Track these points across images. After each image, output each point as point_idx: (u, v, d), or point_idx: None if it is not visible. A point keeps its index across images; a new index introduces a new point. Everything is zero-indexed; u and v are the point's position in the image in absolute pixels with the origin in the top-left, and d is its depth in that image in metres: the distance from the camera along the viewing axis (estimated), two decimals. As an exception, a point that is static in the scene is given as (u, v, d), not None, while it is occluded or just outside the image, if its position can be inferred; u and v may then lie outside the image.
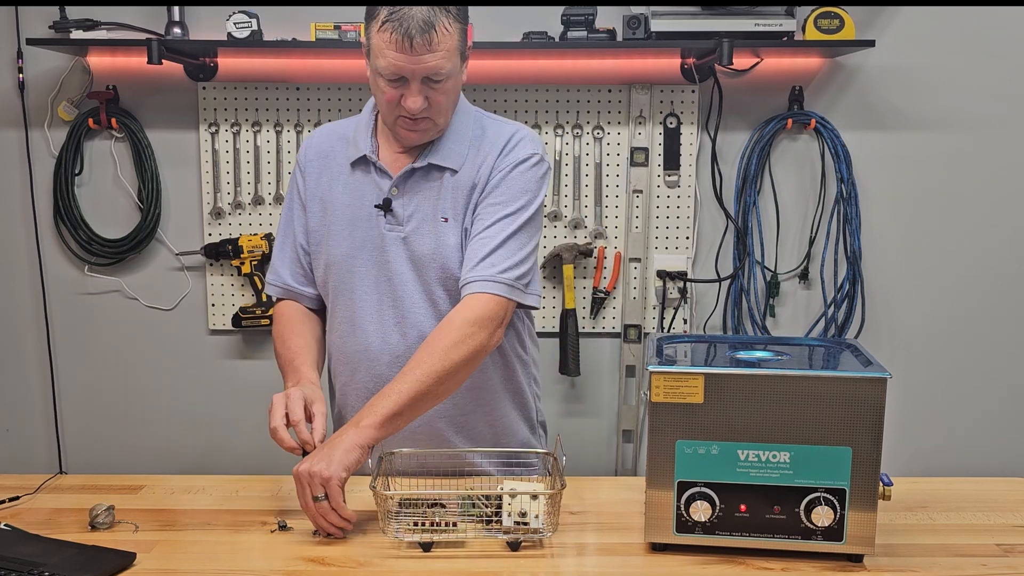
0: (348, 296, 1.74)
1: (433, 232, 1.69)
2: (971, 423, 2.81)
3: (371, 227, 1.72)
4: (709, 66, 2.63)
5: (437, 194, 1.70)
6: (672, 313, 2.76)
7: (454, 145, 1.71)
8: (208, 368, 2.83)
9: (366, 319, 1.73)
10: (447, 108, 1.65)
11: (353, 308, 1.74)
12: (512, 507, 1.44)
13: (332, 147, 1.78)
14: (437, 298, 1.71)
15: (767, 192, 2.72)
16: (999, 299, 2.76)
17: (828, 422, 1.36)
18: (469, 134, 1.73)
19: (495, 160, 1.70)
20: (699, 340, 1.95)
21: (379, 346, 1.73)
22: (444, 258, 1.69)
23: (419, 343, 1.67)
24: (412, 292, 1.71)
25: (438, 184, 1.70)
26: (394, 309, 1.72)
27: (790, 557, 1.41)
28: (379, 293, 1.72)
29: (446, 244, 1.69)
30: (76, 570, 1.33)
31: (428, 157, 1.70)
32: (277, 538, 1.49)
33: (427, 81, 1.59)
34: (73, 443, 2.87)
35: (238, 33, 2.50)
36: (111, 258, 2.76)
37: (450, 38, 1.57)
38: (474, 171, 1.70)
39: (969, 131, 2.69)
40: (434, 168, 1.70)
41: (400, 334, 1.72)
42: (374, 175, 1.72)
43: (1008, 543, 1.49)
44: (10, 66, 2.70)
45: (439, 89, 1.61)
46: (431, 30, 1.54)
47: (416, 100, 1.59)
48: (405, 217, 1.70)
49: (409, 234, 1.70)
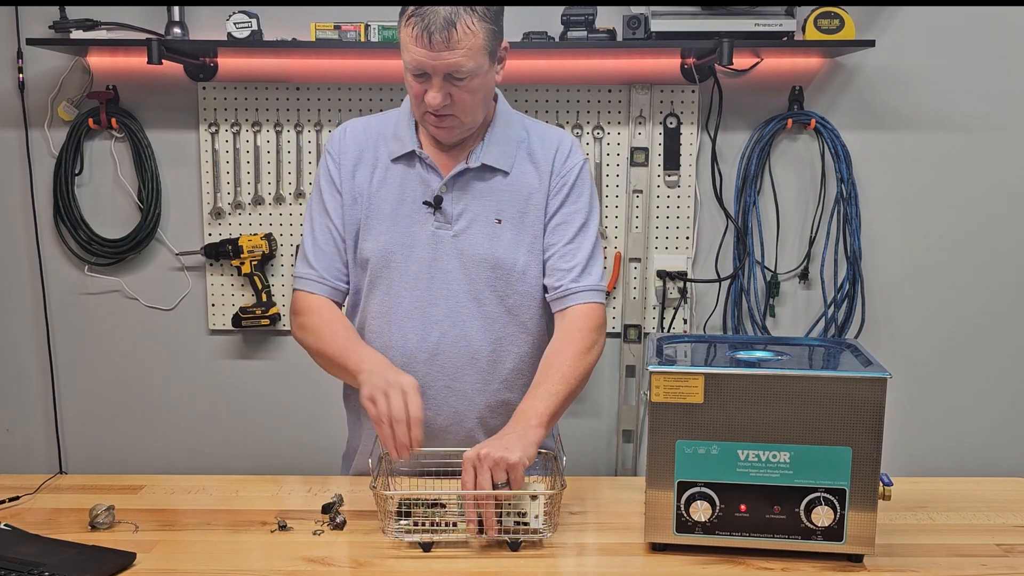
0: (385, 291, 1.73)
1: (486, 232, 1.71)
2: (971, 423, 2.81)
3: (415, 223, 1.71)
4: (709, 66, 2.63)
5: (490, 195, 1.72)
6: (672, 313, 2.76)
7: (504, 147, 1.73)
8: (208, 368, 2.83)
9: (404, 315, 1.72)
10: (473, 107, 1.65)
11: (390, 304, 1.73)
12: (512, 507, 1.44)
13: (368, 140, 1.77)
14: (484, 299, 1.72)
15: (767, 192, 2.72)
16: (999, 299, 2.76)
17: (828, 422, 1.36)
18: (516, 136, 1.75)
19: (554, 166, 1.74)
20: (699, 340, 1.95)
21: (416, 344, 1.72)
22: (496, 259, 1.71)
23: (461, 344, 1.70)
24: (458, 291, 1.71)
25: (490, 185, 1.72)
26: (436, 307, 1.72)
27: (790, 557, 1.41)
28: (419, 290, 1.72)
29: (499, 245, 1.71)
30: (76, 570, 1.33)
31: (481, 158, 1.71)
32: (277, 538, 1.49)
33: (449, 78, 1.60)
34: (73, 443, 2.87)
35: (238, 33, 2.50)
36: (111, 258, 2.76)
37: (473, 37, 1.57)
38: (529, 176, 1.73)
39: (969, 131, 2.69)
40: (487, 169, 1.72)
41: (440, 333, 1.72)
42: (420, 171, 1.72)
43: (1008, 543, 1.49)
44: (10, 66, 2.70)
45: (462, 87, 1.61)
46: (451, 28, 1.55)
47: (436, 96, 1.60)
48: (454, 215, 1.71)
49: (459, 232, 1.71)
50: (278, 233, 2.74)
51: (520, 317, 1.76)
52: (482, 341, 1.73)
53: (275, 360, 2.82)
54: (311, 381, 2.83)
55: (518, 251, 1.72)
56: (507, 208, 1.72)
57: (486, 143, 1.73)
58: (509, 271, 1.72)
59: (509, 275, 1.72)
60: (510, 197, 1.72)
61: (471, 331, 1.72)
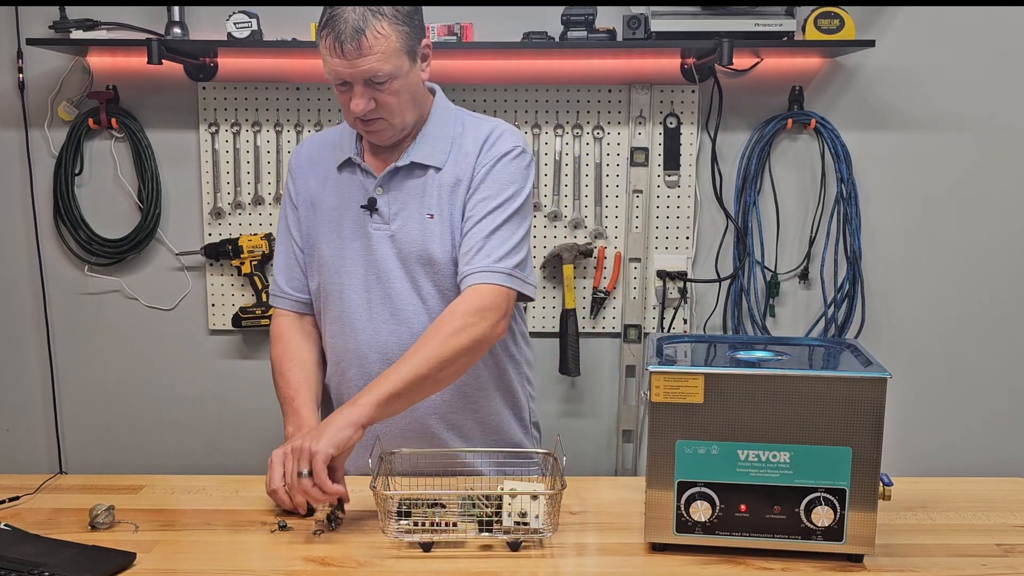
0: (338, 296, 1.78)
1: (419, 229, 1.73)
2: (971, 423, 2.81)
3: (358, 227, 1.75)
4: (709, 66, 2.63)
5: (422, 192, 1.73)
6: (672, 313, 2.76)
7: (436, 143, 1.74)
8: (208, 368, 2.83)
9: (356, 318, 1.76)
10: (399, 108, 1.67)
11: (343, 307, 1.77)
12: (512, 507, 1.44)
13: (320, 153, 1.83)
14: (426, 295, 1.74)
15: (767, 192, 2.72)
16: (999, 299, 2.76)
17: (828, 422, 1.36)
18: (451, 132, 1.76)
19: (477, 156, 1.73)
20: (699, 340, 1.95)
21: (369, 344, 1.76)
22: (431, 254, 1.72)
23: (410, 341, 1.69)
24: (401, 289, 1.74)
25: (422, 182, 1.74)
26: (383, 307, 1.75)
27: (790, 557, 1.41)
28: (368, 292, 1.75)
29: (432, 240, 1.72)
30: (76, 570, 1.33)
31: (411, 156, 1.73)
32: (277, 538, 1.49)
33: (370, 83, 1.62)
34: (73, 443, 2.87)
35: (238, 33, 2.50)
36: (111, 258, 2.76)
37: (385, 40, 1.59)
38: (457, 168, 1.74)
39: (969, 131, 2.69)
40: (417, 166, 1.74)
41: (390, 331, 1.75)
42: (359, 176, 1.76)
43: (1008, 543, 1.49)
44: (10, 66, 2.70)
45: (385, 90, 1.63)
46: (361, 35, 1.57)
47: (359, 103, 1.63)
48: (391, 215, 1.74)
49: (396, 231, 1.73)
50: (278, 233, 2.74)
51: None
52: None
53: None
54: (311, 381, 2.83)
55: (449, 245, 1.73)
56: (437, 203, 1.73)
57: (418, 141, 1.75)
58: (445, 265, 1.73)
59: (445, 268, 1.74)
60: (439, 191, 1.73)
61: (417, 328, 1.73)
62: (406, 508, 1.49)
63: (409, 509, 1.49)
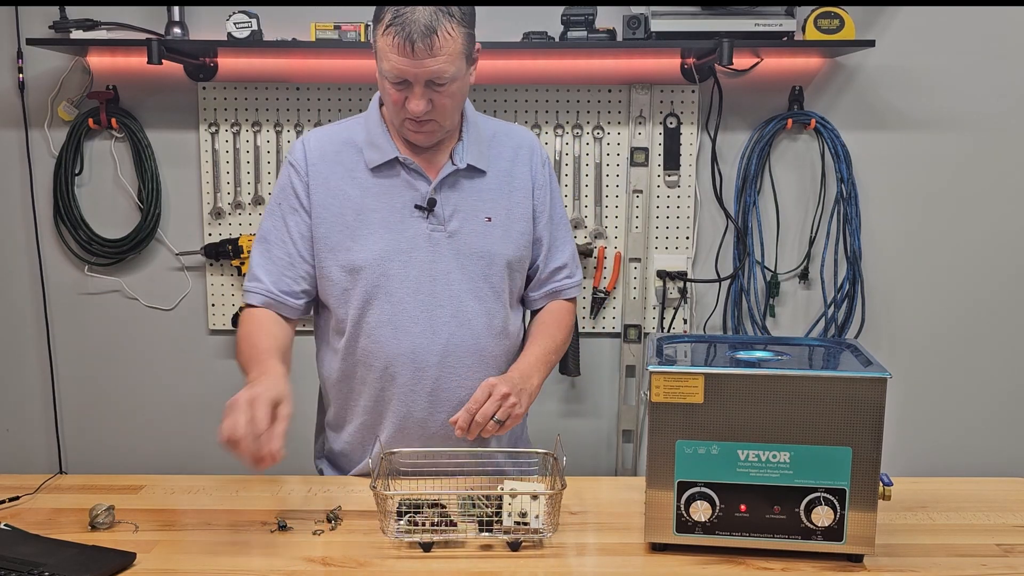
0: (385, 299, 1.72)
1: (478, 230, 1.74)
2: (971, 423, 2.81)
3: (408, 228, 1.72)
4: (709, 66, 2.63)
5: (476, 193, 1.75)
6: (672, 313, 2.76)
7: (480, 147, 1.76)
8: (208, 368, 2.83)
9: (410, 321, 1.72)
10: (452, 111, 1.67)
11: (393, 311, 1.72)
12: (512, 507, 1.44)
13: (338, 151, 1.75)
14: (484, 296, 1.75)
15: (767, 192, 2.72)
16: (999, 299, 2.76)
17: (828, 422, 1.36)
18: (487, 135, 1.79)
19: (532, 165, 1.81)
20: (699, 340, 1.95)
21: (427, 346, 1.72)
22: (492, 255, 1.74)
23: (469, 342, 1.73)
24: (460, 291, 1.73)
25: (475, 184, 1.75)
26: (442, 308, 1.73)
27: (790, 557, 1.41)
28: (423, 294, 1.72)
29: (492, 242, 1.74)
30: (76, 570, 1.33)
31: (465, 158, 1.74)
32: (277, 538, 1.49)
33: (430, 84, 1.60)
34: (73, 443, 2.87)
35: (238, 33, 2.50)
36: (111, 258, 2.76)
37: (453, 42, 1.58)
38: (511, 174, 1.78)
39: (969, 131, 2.69)
40: (471, 168, 1.75)
41: (450, 332, 1.73)
42: (405, 176, 1.72)
43: (1008, 543, 1.49)
44: (10, 66, 2.70)
45: (443, 92, 1.62)
46: (433, 35, 1.55)
47: (419, 104, 1.61)
48: (446, 216, 1.73)
49: (453, 232, 1.73)
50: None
51: (511, 311, 1.81)
52: (487, 336, 1.76)
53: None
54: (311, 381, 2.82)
55: (508, 247, 1.76)
56: (494, 206, 1.75)
57: (466, 143, 1.75)
58: (502, 266, 1.76)
59: (503, 270, 1.76)
60: (494, 195, 1.76)
61: (477, 328, 1.74)
62: (406, 508, 1.48)
63: (409, 509, 1.49)
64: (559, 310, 1.88)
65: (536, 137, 1.87)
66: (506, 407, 1.60)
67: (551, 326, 1.84)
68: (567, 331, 1.87)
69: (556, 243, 1.86)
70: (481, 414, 1.58)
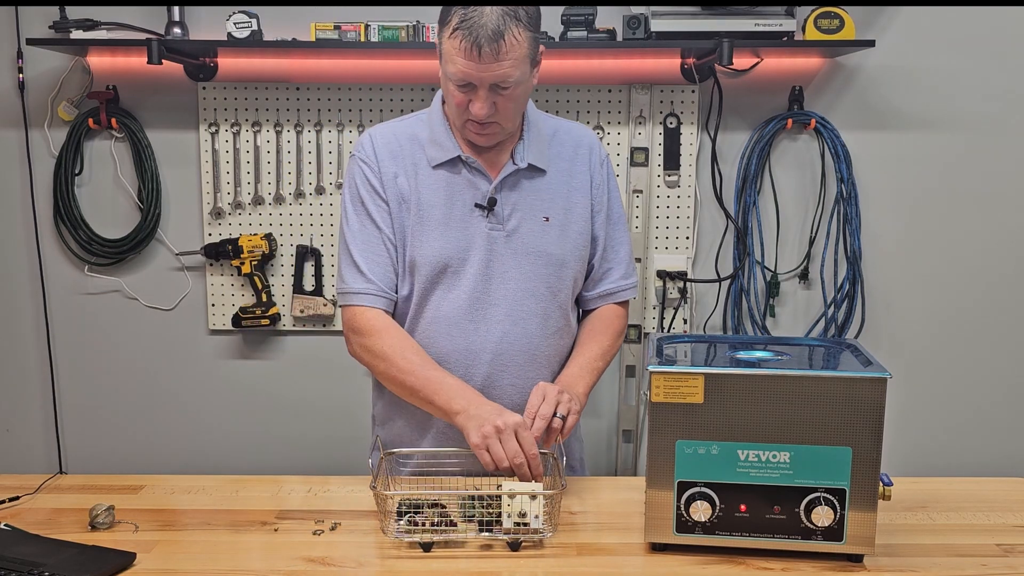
0: (442, 295, 1.73)
1: (536, 230, 1.74)
2: (971, 423, 2.81)
3: (468, 226, 1.72)
4: (709, 66, 2.63)
5: (535, 193, 1.75)
6: (672, 313, 2.76)
7: (540, 146, 1.77)
8: (208, 368, 2.83)
9: (465, 318, 1.73)
10: (515, 113, 1.68)
11: (449, 308, 1.73)
12: (512, 507, 1.44)
13: (402, 147, 1.76)
14: (540, 295, 1.75)
15: (767, 192, 2.72)
16: (999, 299, 2.76)
17: (828, 422, 1.36)
18: (546, 135, 1.79)
19: (591, 164, 1.81)
20: (699, 340, 1.95)
21: (480, 344, 1.73)
22: (549, 255, 1.75)
23: (523, 340, 1.73)
24: (516, 290, 1.73)
25: (534, 184, 1.76)
26: (497, 307, 1.73)
27: (790, 557, 1.41)
28: (479, 291, 1.73)
29: (550, 242, 1.75)
30: (76, 570, 1.33)
31: (526, 158, 1.74)
32: (277, 538, 1.49)
33: (495, 88, 1.61)
34: (73, 443, 2.87)
35: (238, 33, 2.50)
36: (111, 258, 2.76)
37: (519, 47, 1.58)
38: (570, 173, 1.78)
39: (969, 131, 2.69)
40: (531, 168, 1.75)
41: (504, 331, 1.73)
42: (467, 175, 1.73)
43: (1008, 543, 1.49)
44: (10, 66, 2.70)
45: (507, 96, 1.62)
46: (500, 39, 1.55)
47: (483, 107, 1.62)
48: (505, 215, 1.73)
49: (512, 232, 1.73)
50: (278, 233, 2.74)
51: (566, 311, 1.81)
52: (541, 336, 1.76)
53: (275, 360, 2.82)
54: (311, 381, 2.83)
55: (565, 246, 1.77)
56: (552, 205, 1.76)
57: (526, 143, 1.76)
58: (560, 267, 1.76)
59: (560, 271, 1.76)
60: (552, 194, 1.77)
61: (531, 327, 1.75)
62: (406, 508, 1.49)
63: (409, 509, 1.49)
64: (610, 315, 1.86)
65: (596, 135, 1.87)
66: (564, 403, 1.60)
67: (599, 332, 1.83)
68: (616, 336, 1.85)
69: (612, 243, 1.85)
70: (540, 416, 1.58)
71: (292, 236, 2.75)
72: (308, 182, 2.72)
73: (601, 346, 1.81)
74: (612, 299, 1.87)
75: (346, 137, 2.70)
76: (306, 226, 2.74)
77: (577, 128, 1.86)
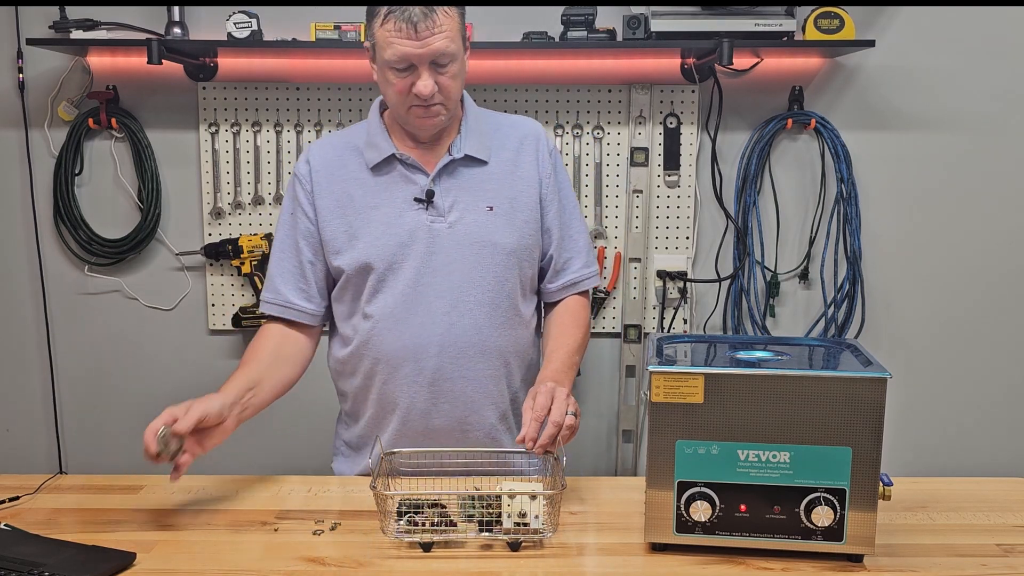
0: (389, 293, 1.74)
1: (479, 220, 1.75)
2: (971, 423, 2.81)
3: (408, 221, 1.73)
4: (709, 66, 2.63)
5: (476, 184, 1.76)
6: (672, 313, 2.76)
7: (479, 137, 1.78)
8: (208, 368, 2.83)
9: (409, 313, 1.73)
10: (456, 93, 1.70)
11: (394, 304, 1.74)
12: (512, 507, 1.44)
13: (340, 156, 1.79)
14: (487, 284, 1.75)
15: (767, 192, 2.72)
16: (999, 299, 2.76)
17: (828, 422, 1.36)
18: (487, 128, 1.80)
19: (538, 154, 1.81)
20: (699, 340, 1.95)
21: (427, 338, 1.73)
22: (494, 244, 1.75)
23: (470, 332, 1.73)
24: (460, 281, 1.74)
25: (474, 174, 1.77)
26: (441, 299, 1.74)
27: (790, 557, 1.41)
28: (422, 285, 1.73)
29: (495, 231, 1.75)
30: (76, 570, 1.33)
31: (463, 149, 1.76)
32: (277, 538, 1.49)
33: (434, 66, 1.64)
34: (73, 443, 2.87)
35: (238, 33, 2.50)
36: (111, 258, 2.76)
37: (451, 21, 1.63)
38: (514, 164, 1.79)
39: (969, 131, 2.69)
40: (470, 159, 1.76)
41: (448, 323, 1.74)
42: (403, 171, 1.75)
43: (1008, 543, 1.49)
44: (10, 66, 2.70)
45: (447, 73, 1.65)
46: (433, 14, 1.60)
47: (427, 83, 1.64)
48: (446, 208, 1.74)
49: (454, 223, 1.74)
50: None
51: (516, 303, 1.80)
52: (490, 327, 1.76)
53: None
54: (311, 381, 2.82)
55: (512, 236, 1.76)
56: (496, 195, 1.76)
57: (463, 135, 1.77)
58: (506, 256, 1.76)
59: (507, 260, 1.76)
60: (496, 184, 1.77)
61: (479, 318, 1.74)
62: (406, 508, 1.48)
63: (409, 509, 1.49)
64: (576, 307, 1.87)
65: (542, 127, 1.87)
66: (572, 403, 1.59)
67: (570, 326, 1.83)
68: (585, 327, 1.86)
69: (569, 232, 1.85)
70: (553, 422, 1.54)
71: (292, 236, 2.74)
72: (308, 182, 2.72)
73: (576, 339, 1.80)
74: (575, 289, 1.87)
75: (346, 137, 2.70)
76: (306, 226, 2.74)
77: (523, 121, 1.86)
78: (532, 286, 1.85)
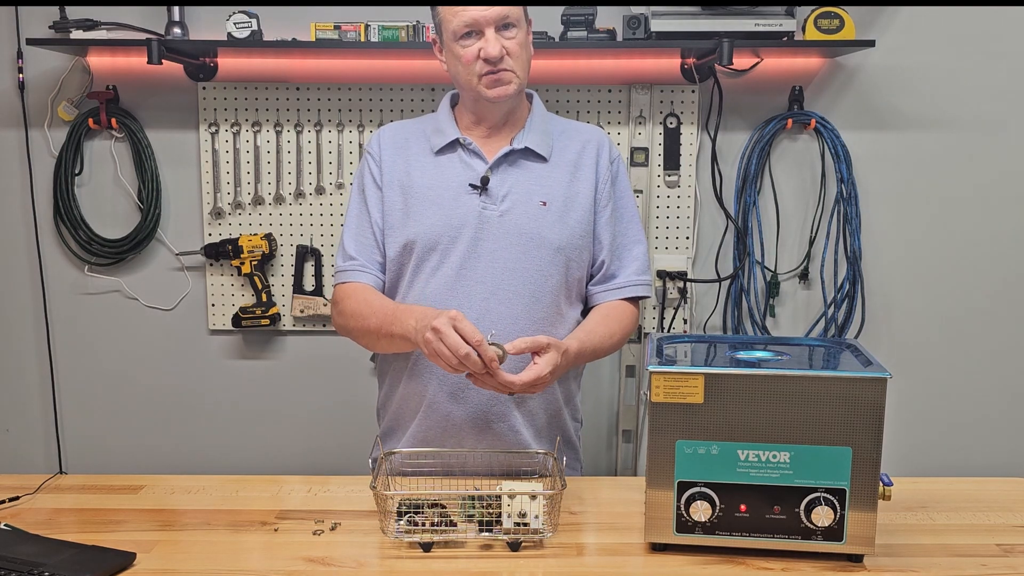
0: (431, 273, 1.76)
1: (531, 213, 1.77)
2: (971, 423, 2.81)
3: (461, 206, 1.76)
4: (709, 66, 2.63)
5: (533, 178, 1.79)
6: (672, 313, 2.76)
7: (542, 135, 1.81)
8: (208, 368, 2.83)
9: (452, 296, 1.75)
10: (523, 62, 1.74)
11: (435, 284, 1.76)
12: (512, 507, 1.44)
13: (407, 138, 1.85)
14: (530, 276, 1.76)
15: (767, 192, 2.72)
16: (999, 299, 2.76)
17: (828, 422, 1.36)
18: (553, 128, 1.85)
19: (598, 159, 1.83)
20: (699, 340, 1.95)
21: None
22: (543, 239, 1.76)
23: (509, 320, 1.73)
24: (503, 270, 1.75)
25: (532, 169, 1.79)
26: (482, 284, 1.75)
27: (790, 557, 1.41)
28: (466, 268, 1.75)
29: (545, 226, 1.76)
30: (76, 570, 1.33)
31: (524, 141, 1.79)
32: (277, 538, 1.49)
33: (501, 30, 1.68)
34: (73, 443, 2.87)
35: (238, 33, 2.50)
36: (111, 258, 2.76)
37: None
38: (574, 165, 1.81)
39: (969, 131, 2.69)
40: (530, 152, 1.79)
41: (484, 309, 1.74)
42: (463, 156, 1.79)
43: (1008, 543, 1.49)
44: (10, 66, 2.70)
45: (513, 39, 1.70)
46: None
47: (495, 45, 1.68)
48: (500, 196, 1.77)
49: (506, 212, 1.76)
50: (278, 233, 2.74)
51: (559, 300, 1.80)
52: (527, 319, 1.75)
53: (275, 360, 2.82)
54: (311, 381, 2.83)
55: (563, 233, 1.78)
56: (551, 191, 1.78)
57: (527, 130, 1.81)
58: (554, 252, 1.77)
59: (553, 256, 1.77)
60: (553, 181, 1.79)
61: (516, 308, 1.75)
62: (406, 508, 1.49)
63: (409, 509, 1.49)
64: (621, 309, 1.85)
65: (607, 136, 1.89)
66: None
67: (609, 318, 1.82)
68: (625, 328, 1.83)
69: (625, 241, 1.87)
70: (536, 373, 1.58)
71: (292, 236, 2.75)
72: (308, 182, 2.72)
73: (608, 328, 1.79)
74: (621, 293, 1.85)
75: (346, 137, 2.70)
76: (306, 226, 2.74)
77: (589, 127, 1.90)
78: (579, 290, 1.85)
